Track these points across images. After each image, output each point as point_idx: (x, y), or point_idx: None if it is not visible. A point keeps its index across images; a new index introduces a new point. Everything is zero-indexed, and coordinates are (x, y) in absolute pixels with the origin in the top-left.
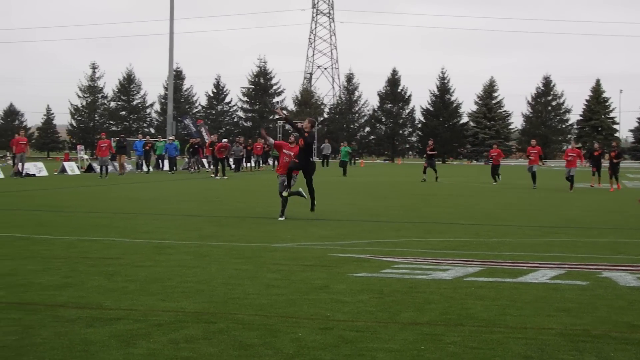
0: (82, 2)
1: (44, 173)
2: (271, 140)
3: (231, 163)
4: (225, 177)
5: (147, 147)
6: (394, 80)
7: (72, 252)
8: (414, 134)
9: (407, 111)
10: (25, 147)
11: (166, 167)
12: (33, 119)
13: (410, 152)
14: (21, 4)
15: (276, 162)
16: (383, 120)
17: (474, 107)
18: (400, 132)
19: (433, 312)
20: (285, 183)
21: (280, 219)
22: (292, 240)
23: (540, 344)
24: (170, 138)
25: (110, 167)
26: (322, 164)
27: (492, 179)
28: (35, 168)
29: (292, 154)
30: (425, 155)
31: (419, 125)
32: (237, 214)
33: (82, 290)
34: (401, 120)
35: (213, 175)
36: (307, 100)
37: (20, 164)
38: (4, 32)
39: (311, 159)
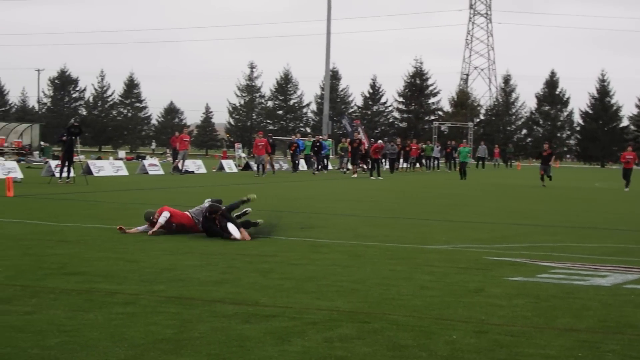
0: (240, 2)
1: (203, 170)
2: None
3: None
4: (380, 178)
5: (292, 149)
6: (552, 82)
7: (229, 249)
8: (572, 137)
9: (566, 114)
10: (188, 144)
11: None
12: (192, 117)
13: (568, 155)
14: (179, 4)
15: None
16: (540, 122)
17: (635, 110)
18: (558, 135)
19: (591, 318)
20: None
21: None
22: (446, 242)
23: None
24: (322, 137)
25: (267, 166)
26: (476, 166)
27: (623, 185)
28: (194, 165)
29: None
30: (540, 160)
31: (578, 128)
32: (391, 215)
33: (239, 287)
34: (559, 123)
35: (369, 175)
36: (463, 101)
37: (181, 161)
38: (163, 32)
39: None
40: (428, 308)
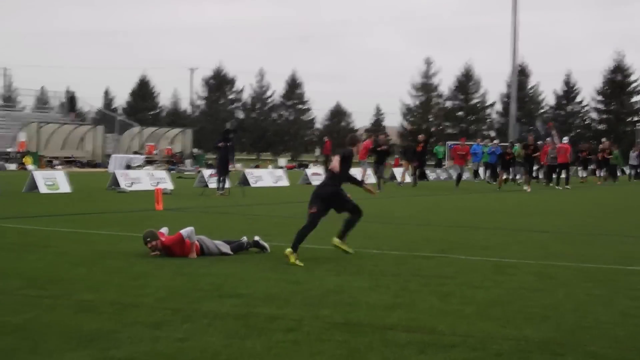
0: None
1: (371, 180)
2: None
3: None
4: (567, 187)
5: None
6: None
7: (403, 269)
8: None
9: None
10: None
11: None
12: (361, 120)
13: None
14: None
15: None
16: None
17: None
18: None
19: None
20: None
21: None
22: None
23: None
24: (496, 142)
25: (407, 177)
26: None
27: None
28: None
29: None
30: None
31: None
32: (587, 230)
33: (414, 312)
34: None
35: (555, 185)
36: None
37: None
38: (327, 26)
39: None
40: (631, 338)
